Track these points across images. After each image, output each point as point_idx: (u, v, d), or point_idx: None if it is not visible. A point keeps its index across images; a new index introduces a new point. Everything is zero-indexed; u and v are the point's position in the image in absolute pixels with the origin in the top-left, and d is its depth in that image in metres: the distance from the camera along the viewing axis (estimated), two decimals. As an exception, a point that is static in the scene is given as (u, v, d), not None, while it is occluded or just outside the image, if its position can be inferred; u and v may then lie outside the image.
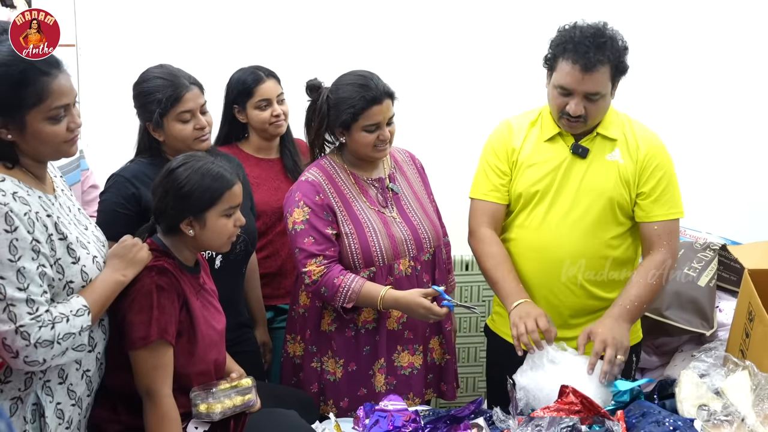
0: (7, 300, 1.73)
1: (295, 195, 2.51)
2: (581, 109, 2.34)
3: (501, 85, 3.72)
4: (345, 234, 2.49)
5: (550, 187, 2.46)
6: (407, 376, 2.58)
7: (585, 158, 2.44)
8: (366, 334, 2.54)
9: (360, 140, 2.47)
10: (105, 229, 2.16)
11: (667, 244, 2.43)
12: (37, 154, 1.87)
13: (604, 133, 2.45)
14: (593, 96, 2.33)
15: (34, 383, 1.85)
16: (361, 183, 2.57)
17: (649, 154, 2.45)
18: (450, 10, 3.71)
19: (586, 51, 2.28)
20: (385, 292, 2.43)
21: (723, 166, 3.87)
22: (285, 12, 3.64)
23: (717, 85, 3.84)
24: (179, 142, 2.40)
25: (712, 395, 2.08)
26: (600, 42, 2.29)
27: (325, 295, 2.46)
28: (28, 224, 1.77)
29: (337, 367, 2.56)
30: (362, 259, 2.49)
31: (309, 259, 2.45)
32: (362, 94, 2.43)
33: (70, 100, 1.85)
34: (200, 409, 2.08)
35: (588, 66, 2.28)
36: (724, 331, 2.77)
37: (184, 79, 2.40)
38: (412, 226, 2.58)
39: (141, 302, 1.99)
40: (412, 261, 2.55)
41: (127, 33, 3.56)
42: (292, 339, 2.67)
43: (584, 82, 2.31)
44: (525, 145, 2.51)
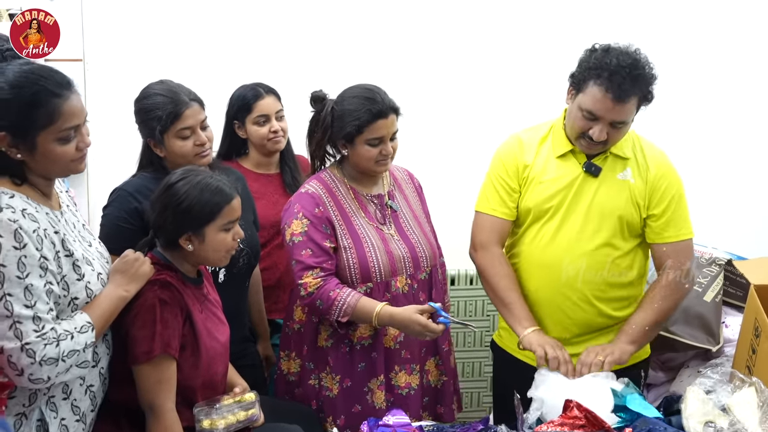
0: (14, 317, 1.73)
1: (294, 207, 2.49)
2: (604, 135, 2.32)
3: (500, 99, 3.72)
4: (343, 248, 2.47)
5: (561, 204, 2.45)
6: (404, 396, 2.55)
7: (597, 177, 2.44)
8: (361, 350, 2.51)
9: (363, 154, 2.46)
10: (108, 243, 2.17)
11: (676, 262, 2.44)
12: (46, 173, 1.88)
13: (617, 152, 2.44)
14: (618, 124, 2.32)
15: (38, 399, 1.85)
16: (361, 198, 2.55)
17: (658, 174, 2.44)
18: (451, 25, 3.71)
19: (621, 82, 2.24)
20: (380, 308, 2.40)
21: (729, 181, 3.86)
22: (290, 29, 3.64)
23: (723, 99, 3.83)
24: (180, 158, 2.41)
25: (718, 412, 2.07)
26: (636, 74, 2.26)
27: (320, 308, 2.43)
28: (36, 241, 1.77)
29: (334, 384, 2.54)
30: (360, 274, 2.47)
31: (306, 271, 2.42)
32: (368, 107, 2.42)
33: (80, 121, 1.86)
34: (204, 425, 2.07)
35: (621, 97, 2.25)
36: (730, 347, 2.75)
37: (185, 96, 2.41)
38: (410, 244, 2.56)
39: (144, 317, 1.99)
40: (408, 279, 2.53)
41: (134, 48, 3.57)
42: (286, 356, 2.64)
43: (613, 112, 2.28)
44: (536, 161, 2.49)
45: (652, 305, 2.42)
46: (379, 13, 3.68)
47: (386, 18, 3.69)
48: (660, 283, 2.45)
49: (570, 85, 2.40)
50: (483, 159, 2.66)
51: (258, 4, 3.64)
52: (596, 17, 3.71)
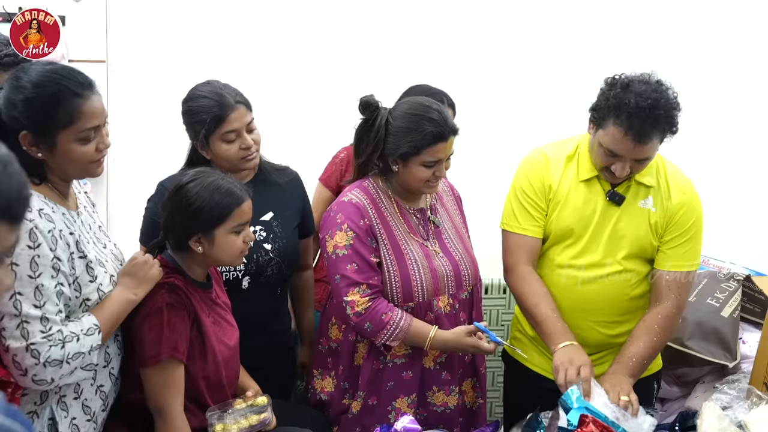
0: (22, 316, 1.74)
1: (337, 217, 2.35)
2: (627, 170, 2.27)
3: (525, 105, 3.72)
4: (386, 264, 2.34)
5: (585, 230, 2.41)
6: (439, 414, 2.46)
7: (620, 206, 2.40)
8: (393, 368, 2.40)
9: (416, 174, 2.32)
10: (143, 236, 2.15)
11: (675, 297, 2.37)
12: (65, 173, 1.90)
13: (641, 180, 2.40)
14: (641, 161, 2.28)
15: (49, 398, 1.86)
16: (404, 211, 2.43)
17: (679, 203, 2.39)
18: (465, 37, 3.72)
19: (642, 124, 2.17)
20: (434, 333, 2.31)
21: (749, 196, 3.83)
22: (315, 29, 3.67)
23: (740, 115, 3.81)
24: (225, 162, 2.38)
25: (734, 428, 2.05)
26: (656, 114, 2.17)
27: (368, 331, 2.31)
28: (51, 242, 1.78)
29: (358, 402, 2.44)
30: (401, 294, 2.35)
31: (352, 287, 2.29)
32: (430, 129, 2.26)
33: (100, 122, 1.87)
34: (216, 429, 2.08)
35: (641, 139, 2.18)
36: (747, 364, 2.72)
37: (230, 98, 2.35)
38: (454, 261, 2.44)
39: (152, 320, 1.99)
40: (450, 299, 2.42)
41: (157, 50, 3.60)
42: (320, 374, 2.54)
43: (634, 152, 2.22)
44: (562, 183, 2.43)
45: (651, 338, 2.34)
46: (407, 19, 3.70)
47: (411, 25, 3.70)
48: (659, 314, 2.37)
49: (590, 118, 2.34)
50: (511, 164, 2.59)
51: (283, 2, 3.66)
52: (622, 29, 3.70)
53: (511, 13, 3.75)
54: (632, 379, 2.29)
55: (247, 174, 2.51)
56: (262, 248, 2.47)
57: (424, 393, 2.45)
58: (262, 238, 2.48)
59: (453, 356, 2.45)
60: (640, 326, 2.37)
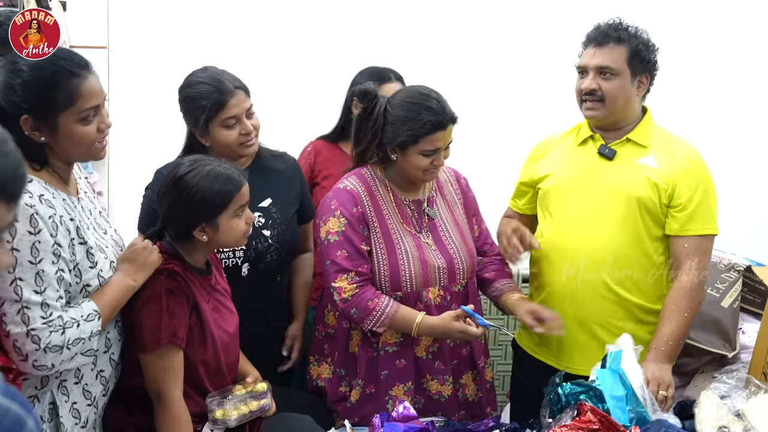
0: (23, 302, 1.74)
1: (331, 203, 2.37)
2: (595, 84, 2.39)
3: (527, 101, 3.73)
4: (375, 252, 2.36)
5: (580, 185, 2.45)
6: (436, 400, 2.47)
7: (612, 160, 2.43)
8: (386, 356, 2.42)
9: (414, 163, 2.32)
10: (141, 224, 2.15)
11: (697, 263, 2.35)
12: (68, 156, 1.89)
13: (635, 139, 2.43)
14: (605, 70, 2.38)
15: (50, 382, 1.87)
16: (399, 201, 2.43)
17: (686, 163, 2.39)
18: (478, 26, 3.71)
19: (604, 31, 2.39)
20: (420, 319, 2.32)
21: (749, 187, 3.83)
22: (315, 17, 3.66)
23: (743, 104, 3.80)
24: (224, 148, 2.37)
25: (732, 417, 2.05)
26: (617, 24, 2.40)
27: (354, 317, 2.34)
28: (51, 228, 1.78)
29: (357, 390, 2.45)
30: (389, 283, 2.36)
31: (340, 273, 2.32)
32: (428, 117, 2.26)
33: (99, 101, 1.87)
34: (216, 415, 2.08)
35: (601, 42, 2.38)
36: (746, 354, 2.72)
37: (229, 84, 2.35)
38: (448, 255, 2.43)
39: (151, 306, 2.00)
40: (441, 290, 2.42)
41: (158, 36, 3.60)
42: (316, 361, 2.55)
43: (596, 57, 2.39)
44: (555, 151, 2.56)
45: (682, 315, 2.32)
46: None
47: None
48: (684, 287, 2.36)
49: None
50: (513, 154, 2.72)
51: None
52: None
53: (514, 4, 3.73)
54: (671, 363, 2.32)
55: (246, 160, 2.50)
56: (261, 234, 2.47)
57: (420, 380, 2.46)
58: (260, 224, 2.48)
59: (444, 345, 2.45)
60: (668, 305, 2.36)
